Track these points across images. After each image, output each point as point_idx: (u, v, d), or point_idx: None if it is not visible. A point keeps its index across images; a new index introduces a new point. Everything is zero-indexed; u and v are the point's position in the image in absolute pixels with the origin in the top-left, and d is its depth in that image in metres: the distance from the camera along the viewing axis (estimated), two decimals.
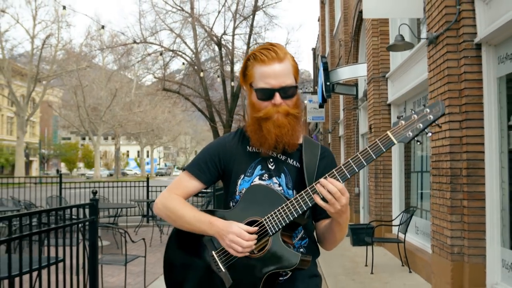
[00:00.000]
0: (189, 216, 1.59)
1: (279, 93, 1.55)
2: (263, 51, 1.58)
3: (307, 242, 1.68)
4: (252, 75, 1.59)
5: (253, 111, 1.61)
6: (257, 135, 1.61)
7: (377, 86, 8.27)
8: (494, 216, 4.28)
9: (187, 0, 18.47)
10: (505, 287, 4.08)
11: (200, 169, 1.68)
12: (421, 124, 1.41)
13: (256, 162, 1.66)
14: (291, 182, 1.64)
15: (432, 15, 4.88)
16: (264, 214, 1.52)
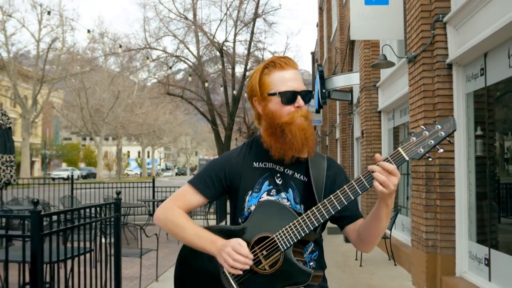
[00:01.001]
0: (190, 232, 1.59)
1: (301, 96, 1.59)
2: (281, 59, 1.63)
3: (316, 255, 1.67)
4: (271, 82, 1.60)
5: (274, 119, 1.59)
6: (279, 143, 1.58)
7: (368, 95, 8.93)
8: (462, 214, 4.93)
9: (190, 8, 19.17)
10: (471, 275, 4.73)
11: (204, 184, 1.68)
12: (433, 140, 1.40)
13: (264, 177, 1.65)
14: (299, 197, 1.63)
15: (411, 37, 5.54)
16: (275, 230, 1.51)
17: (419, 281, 5.36)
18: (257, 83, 1.63)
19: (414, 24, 5.44)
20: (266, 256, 1.51)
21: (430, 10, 5.16)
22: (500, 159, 4.70)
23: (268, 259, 1.51)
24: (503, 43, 4.12)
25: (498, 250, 4.30)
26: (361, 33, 5.77)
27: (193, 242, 1.58)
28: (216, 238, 1.53)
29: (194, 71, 19.23)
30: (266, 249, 1.51)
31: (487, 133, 4.73)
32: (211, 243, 1.52)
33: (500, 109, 4.71)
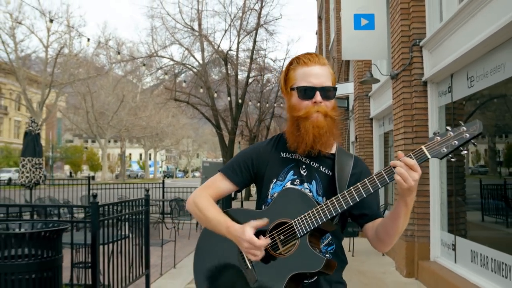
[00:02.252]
0: (212, 217, 1.67)
1: (320, 92, 1.61)
2: (306, 55, 1.67)
3: (333, 249, 1.69)
4: (294, 77, 1.65)
5: (293, 112, 1.65)
6: (294, 136, 1.64)
7: (361, 103, 9.85)
8: (435, 208, 5.85)
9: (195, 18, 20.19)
10: (442, 259, 5.64)
11: (233, 171, 1.76)
12: (457, 141, 1.41)
13: (289, 167, 1.71)
14: (322, 189, 1.67)
15: (394, 58, 6.47)
16: (294, 217, 1.55)
17: (400, 266, 6.27)
18: (283, 78, 1.72)
19: (396, 46, 6.36)
20: (283, 241, 1.56)
21: (409, 36, 6.09)
22: (465, 162, 5.61)
23: (285, 244, 1.55)
24: (464, 67, 5.04)
25: (461, 237, 5.21)
26: (350, 54, 6.70)
27: (214, 228, 1.67)
28: (231, 225, 1.60)
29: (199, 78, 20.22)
30: (283, 234, 1.56)
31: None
32: (227, 230, 1.60)
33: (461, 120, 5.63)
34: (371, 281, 5.96)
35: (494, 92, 4.70)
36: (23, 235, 3.35)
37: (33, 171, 8.84)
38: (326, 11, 18.38)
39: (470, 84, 4.90)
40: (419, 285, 5.64)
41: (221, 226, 1.63)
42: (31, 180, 8.82)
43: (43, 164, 9.23)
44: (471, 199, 5.50)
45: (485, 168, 5.32)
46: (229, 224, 1.61)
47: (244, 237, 1.52)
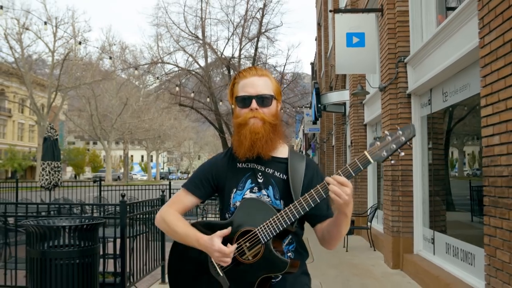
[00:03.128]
0: (181, 231, 1.78)
1: (255, 100, 1.74)
2: (247, 69, 1.83)
3: (294, 247, 1.81)
4: (236, 89, 1.80)
5: (235, 120, 1.80)
6: (236, 142, 1.77)
7: (356, 110, 10.57)
8: (418, 207, 6.57)
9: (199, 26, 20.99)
10: (424, 252, 6.36)
11: (195, 186, 1.87)
12: (394, 145, 1.54)
13: (247, 176, 1.81)
14: (279, 193, 1.77)
15: (382, 72, 7.19)
16: (256, 225, 1.66)
17: (388, 259, 6.99)
18: (230, 91, 1.87)
19: (383, 62, 7.10)
20: (249, 248, 1.67)
21: (395, 53, 6.81)
22: (444, 166, 6.33)
23: (251, 250, 1.67)
24: (440, 84, 5.77)
25: (439, 232, 5.93)
26: (343, 68, 7.43)
27: (183, 240, 1.78)
28: (200, 237, 1.71)
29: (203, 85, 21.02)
30: (249, 241, 1.68)
31: (436, 146, 6.38)
32: (197, 242, 1.71)
33: (440, 130, 6.35)
34: (361, 272, 6.67)
35: (462, 107, 5.44)
36: (68, 228, 4.07)
37: (52, 174, 9.57)
38: (324, 19, 19.12)
39: (445, 99, 5.63)
40: (403, 275, 6.36)
41: (191, 239, 1.74)
42: (50, 182, 9.56)
43: (61, 167, 9.97)
44: (448, 198, 6.22)
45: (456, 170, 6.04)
46: (199, 236, 1.72)
47: (214, 247, 1.63)
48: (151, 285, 5.87)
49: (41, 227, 4.05)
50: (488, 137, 3.49)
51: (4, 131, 55.30)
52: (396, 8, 6.77)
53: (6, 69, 33.58)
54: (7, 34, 28.87)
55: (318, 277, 6.17)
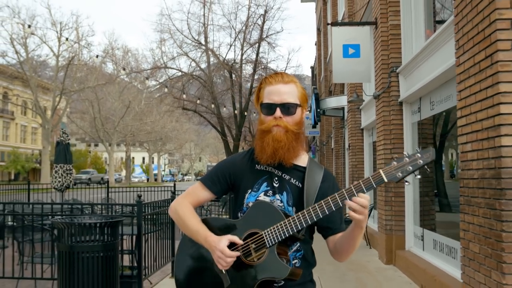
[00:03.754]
0: (191, 226, 1.82)
1: (280, 108, 1.75)
2: (273, 75, 1.82)
3: (302, 254, 1.82)
4: (262, 95, 1.81)
5: (259, 126, 1.82)
6: (258, 147, 1.80)
7: (353, 115, 11.08)
8: (409, 206, 7.07)
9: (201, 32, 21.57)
10: (414, 248, 6.86)
11: (212, 182, 1.91)
12: (411, 167, 1.58)
13: (263, 179, 1.85)
14: (292, 200, 1.79)
15: (376, 81, 7.71)
16: (264, 228, 1.70)
17: (381, 255, 7.50)
18: (256, 96, 1.88)
19: (377, 72, 7.61)
20: (255, 249, 1.71)
21: (388, 63, 7.32)
22: (432, 169, 6.83)
23: (257, 252, 1.70)
24: (428, 93, 6.28)
25: (428, 230, 6.44)
26: (340, 78, 7.95)
27: (192, 235, 1.83)
28: (209, 235, 1.76)
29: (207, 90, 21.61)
30: (255, 243, 1.71)
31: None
32: (205, 240, 1.76)
33: (429, 135, 6.86)
34: (356, 267, 7.18)
35: (447, 115, 5.95)
36: (94, 224, 4.58)
37: (65, 176, 10.09)
38: (324, 25, 19.63)
39: (432, 107, 6.15)
40: (395, 270, 6.86)
41: (200, 236, 1.78)
42: (62, 184, 10.07)
43: (72, 170, 10.49)
44: (436, 198, 6.72)
45: (446, 171, 6.54)
46: (207, 235, 1.76)
47: (218, 246, 1.68)
48: (162, 279, 6.37)
49: (69, 224, 4.56)
50: (463, 144, 4.00)
51: (7, 133, 55.68)
52: (389, 22, 7.28)
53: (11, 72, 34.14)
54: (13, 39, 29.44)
55: (317, 272, 6.64)
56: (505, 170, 3.27)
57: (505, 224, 3.26)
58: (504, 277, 3.26)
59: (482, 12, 3.54)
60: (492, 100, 3.41)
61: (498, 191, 3.33)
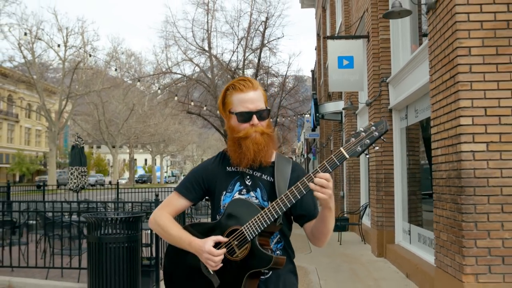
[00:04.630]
0: (174, 235, 1.88)
1: (256, 115, 1.84)
2: (241, 81, 1.87)
3: (282, 245, 1.92)
4: (231, 102, 1.86)
5: (233, 133, 1.87)
6: (237, 153, 1.86)
7: (350, 119, 11.78)
8: (399, 204, 7.77)
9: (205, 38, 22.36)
10: (403, 242, 7.56)
11: (187, 189, 1.96)
12: (368, 140, 1.67)
13: (235, 179, 1.92)
14: (266, 194, 1.88)
15: (368, 90, 8.42)
16: (243, 223, 1.76)
17: (374, 249, 8.20)
18: (221, 102, 1.92)
19: (369, 81, 8.32)
20: (238, 246, 1.76)
21: (379, 74, 8.03)
22: (419, 169, 7.53)
23: (240, 248, 1.76)
24: (413, 102, 6.98)
25: (414, 225, 7.14)
26: (336, 87, 8.67)
27: (176, 243, 1.88)
28: (192, 240, 1.81)
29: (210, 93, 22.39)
30: (237, 239, 1.76)
31: (413, 153, 7.59)
32: (189, 245, 1.81)
33: (415, 139, 7.56)
34: (350, 260, 7.88)
35: (428, 122, 6.66)
36: (120, 219, 5.29)
37: (79, 178, 10.81)
38: (323, 32, 20.33)
39: (416, 115, 6.85)
40: (385, 262, 7.57)
41: (183, 242, 1.83)
42: (78, 185, 10.79)
43: (87, 172, 11.20)
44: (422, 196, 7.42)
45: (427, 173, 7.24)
46: (191, 240, 1.81)
47: (204, 248, 1.73)
48: None
49: (99, 219, 5.28)
50: (435, 149, 4.71)
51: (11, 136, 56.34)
52: (379, 36, 7.99)
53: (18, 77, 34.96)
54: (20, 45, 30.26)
55: (314, 264, 7.39)
56: (464, 171, 3.98)
57: (464, 216, 3.97)
58: (464, 259, 3.97)
59: (448, 40, 4.26)
60: (455, 113, 4.12)
61: (459, 188, 4.04)
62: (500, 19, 4.02)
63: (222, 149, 2.13)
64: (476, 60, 4.02)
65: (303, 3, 24.86)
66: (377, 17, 8.02)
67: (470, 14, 4.04)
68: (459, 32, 4.05)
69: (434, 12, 4.63)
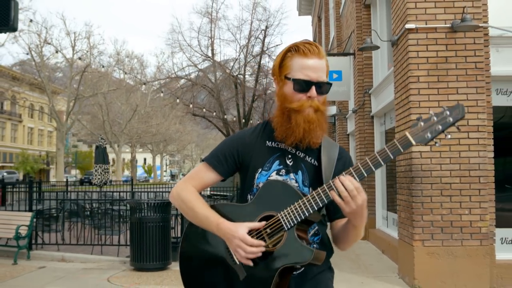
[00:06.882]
0: (200, 212, 1.63)
1: (316, 87, 1.58)
2: (306, 45, 1.61)
3: (319, 238, 1.70)
4: (290, 66, 1.61)
5: (284, 102, 1.61)
6: (283, 127, 1.61)
7: (341, 123, 13.31)
8: (379, 195, 9.31)
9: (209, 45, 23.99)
10: (382, 227, 9.10)
11: (218, 161, 1.71)
12: (440, 126, 1.40)
13: (275, 157, 1.67)
14: (308, 179, 1.65)
15: (354, 99, 9.95)
16: (279, 209, 1.52)
17: None
18: (278, 64, 1.67)
19: (355, 92, 9.85)
20: (270, 235, 1.55)
21: (363, 86, 9.56)
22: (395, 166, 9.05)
23: (272, 237, 1.54)
24: (389, 111, 8.51)
25: (390, 212, 8.67)
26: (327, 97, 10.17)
27: (201, 224, 1.64)
28: (221, 222, 1.57)
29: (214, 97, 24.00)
30: (270, 227, 1.55)
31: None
32: (217, 227, 1.58)
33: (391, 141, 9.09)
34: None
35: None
36: (155, 203, 6.79)
37: (103, 174, 12.30)
38: (319, 40, 21.86)
39: (391, 121, 8.39)
40: (367, 243, 9.10)
41: (210, 222, 1.60)
42: (101, 181, 12.28)
43: (109, 169, 12.71)
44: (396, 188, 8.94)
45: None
46: (220, 221, 1.58)
47: (237, 234, 1.51)
48: None
49: (139, 203, 6.80)
50: None
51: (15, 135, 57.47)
52: (363, 54, 9.51)
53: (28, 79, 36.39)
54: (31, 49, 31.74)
55: None
56: (414, 165, 5.51)
57: (414, 198, 5.51)
58: (414, 229, 5.50)
59: (404, 70, 5.79)
60: (408, 124, 5.65)
61: (411, 179, 5.57)
62: (440, 56, 5.55)
63: None
64: (423, 85, 5.55)
65: (300, 11, 26.36)
66: (361, 38, 9.53)
67: (419, 52, 5.58)
68: (411, 65, 5.58)
69: (396, 47, 6.16)
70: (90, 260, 7.57)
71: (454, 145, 5.47)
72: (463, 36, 5.52)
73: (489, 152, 5.55)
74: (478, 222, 5.43)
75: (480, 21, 5.53)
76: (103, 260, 7.56)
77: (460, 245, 5.43)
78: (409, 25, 5.57)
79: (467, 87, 5.51)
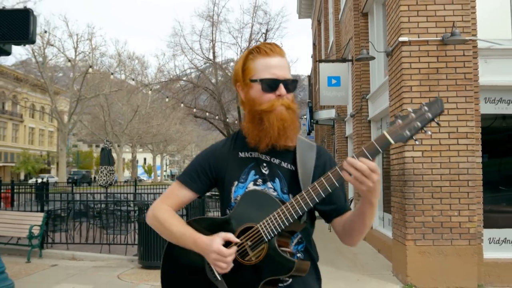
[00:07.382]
0: (176, 231, 1.59)
1: (283, 84, 1.55)
2: (267, 45, 1.60)
3: (304, 246, 1.64)
4: (254, 68, 1.58)
5: (254, 106, 1.57)
6: (256, 130, 1.57)
7: (339, 126, 13.68)
8: None
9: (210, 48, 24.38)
10: (379, 227, 9.46)
11: (190, 178, 1.67)
12: (419, 122, 1.35)
13: (249, 167, 1.63)
14: (286, 186, 1.60)
15: (352, 104, 10.31)
16: (259, 220, 1.49)
17: None
18: (241, 68, 1.62)
19: (353, 97, 10.22)
20: (252, 247, 1.50)
21: (360, 91, 9.92)
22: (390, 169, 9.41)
23: (255, 250, 1.49)
24: (385, 116, 8.88)
25: (385, 212, 9.03)
26: (326, 101, 10.56)
27: (179, 242, 1.59)
28: (198, 237, 1.53)
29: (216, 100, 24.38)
30: (251, 239, 1.50)
31: (386, 155, 9.49)
32: (194, 243, 1.53)
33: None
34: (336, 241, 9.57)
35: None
36: None
37: (108, 175, 12.66)
38: (318, 43, 22.22)
39: (387, 127, 8.70)
40: (364, 243, 9.47)
41: (187, 239, 1.56)
42: (106, 182, 12.64)
43: (114, 170, 13.06)
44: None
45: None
46: (197, 237, 1.54)
47: (212, 247, 1.47)
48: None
49: (146, 204, 7.16)
50: (391, 155, 6.60)
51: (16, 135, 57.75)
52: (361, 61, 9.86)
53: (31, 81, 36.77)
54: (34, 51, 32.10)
55: None
56: (407, 170, 5.88)
57: (407, 200, 5.88)
58: (407, 230, 5.87)
59: (398, 79, 6.16)
60: None
61: (404, 182, 5.94)
62: (432, 67, 5.92)
63: None
64: (415, 95, 5.92)
65: (301, 14, 26.73)
66: (359, 45, 9.90)
67: (412, 63, 5.94)
68: (404, 75, 5.94)
69: (391, 58, 6.53)
70: (100, 259, 7.93)
71: (445, 150, 5.84)
72: (453, 48, 5.89)
73: (477, 158, 5.92)
74: (467, 223, 5.79)
75: (469, 34, 5.90)
76: (111, 258, 7.92)
77: (449, 244, 5.79)
78: (402, 38, 5.94)
79: (457, 96, 5.88)
